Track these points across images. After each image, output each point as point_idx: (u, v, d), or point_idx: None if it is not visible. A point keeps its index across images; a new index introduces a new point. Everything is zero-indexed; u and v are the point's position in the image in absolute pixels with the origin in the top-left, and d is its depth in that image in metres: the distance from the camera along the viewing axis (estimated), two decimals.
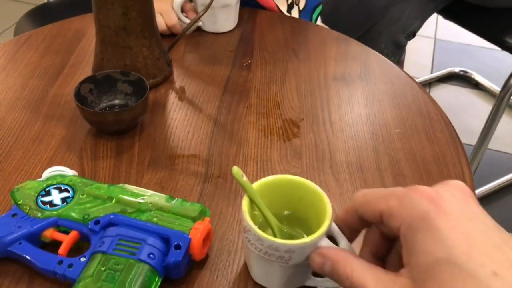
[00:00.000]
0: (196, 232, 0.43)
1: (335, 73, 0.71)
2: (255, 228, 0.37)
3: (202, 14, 0.67)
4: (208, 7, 0.66)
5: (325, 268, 0.34)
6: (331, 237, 0.36)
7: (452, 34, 2.20)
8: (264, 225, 0.40)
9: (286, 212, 0.42)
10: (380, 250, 0.34)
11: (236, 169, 0.37)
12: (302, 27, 0.82)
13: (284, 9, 0.89)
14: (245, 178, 0.38)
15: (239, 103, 0.64)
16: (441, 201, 0.29)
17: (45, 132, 0.58)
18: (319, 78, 0.70)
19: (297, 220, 0.42)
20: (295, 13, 0.92)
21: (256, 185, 0.39)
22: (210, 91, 0.66)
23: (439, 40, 2.19)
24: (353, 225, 0.35)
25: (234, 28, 0.79)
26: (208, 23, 0.77)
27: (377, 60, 0.75)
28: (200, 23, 0.77)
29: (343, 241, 0.36)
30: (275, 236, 0.40)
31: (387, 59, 0.75)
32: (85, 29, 0.77)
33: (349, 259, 0.32)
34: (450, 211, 0.28)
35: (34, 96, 0.64)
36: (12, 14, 2.14)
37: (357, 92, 0.67)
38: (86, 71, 0.68)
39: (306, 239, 0.35)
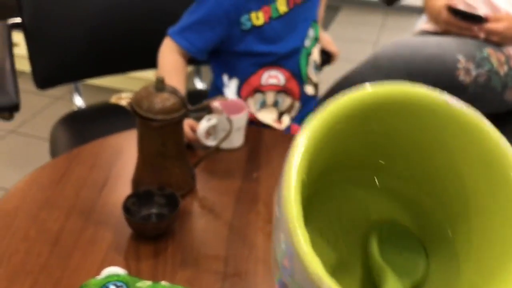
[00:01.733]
0: None
1: None
2: None
3: (223, 140, 0.85)
4: (228, 134, 0.84)
5: None
6: None
7: None
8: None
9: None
10: None
11: None
12: None
13: (273, 116, 1.08)
14: None
15: (250, 211, 0.81)
16: None
17: (97, 236, 0.74)
18: None
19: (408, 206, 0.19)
20: (286, 119, 1.11)
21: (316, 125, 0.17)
22: (226, 200, 0.83)
23: None
24: None
25: (243, 144, 0.97)
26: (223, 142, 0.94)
27: None
28: (215, 143, 0.94)
29: None
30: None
31: None
32: (123, 147, 0.95)
33: None
34: None
35: (86, 205, 0.80)
36: (32, 105, 2.34)
37: None
38: (126, 183, 0.85)
39: None
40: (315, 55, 1.11)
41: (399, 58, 1.28)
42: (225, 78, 1.07)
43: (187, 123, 0.92)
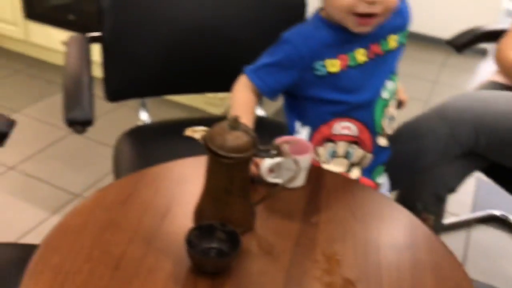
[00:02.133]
0: None
1: (385, 237, 0.86)
2: None
3: (288, 182, 0.85)
4: (295, 176, 0.84)
5: None
6: None
7: None
8: None
9: None
10: None
11: None
12: (360, 190, 0.99)
13: (341, 169, 1.07)
14: None
15: (307, 257, 0.80)
16: None
17: (158, 265, 0.75)
18: (371, 240, 0.85)
19: None
20: (355, 172, 1.10)
21: None
22: (284, 243, 0.83)
23: (481, 180, 2.32)
24: None
25: (304, 185, 0.97)
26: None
27: (420, 228, 0.90)
28: (278, 180, 0.95)
29: None
30: None
31: (429, 229, 0.89)
32: (187, 174, 0.97)
33: None
34: None
35: (148, 231, 0.82)
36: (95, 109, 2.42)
37: (404, 259, 0.82)
38: (188, 212, 0.86)
39: None
40: (392, 108, 1.10)
41: (468, 111, 1.25)
42: (297, 125, 1.08)
43: None
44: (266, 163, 0.91)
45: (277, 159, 0.91)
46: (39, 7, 2.67)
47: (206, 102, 2.52)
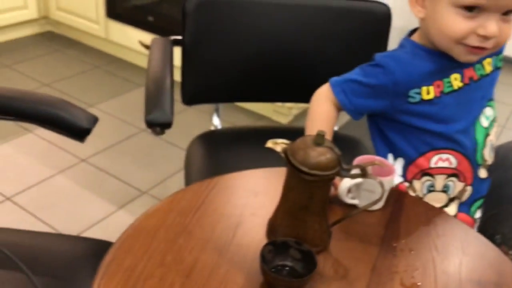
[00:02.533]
0: None
1: (470, 274, 0.80)
2: None
3: (372, 204, 0.81)
4: (380, 198, 0.80)
5: None
6: None
7: None
8: None
9: None
10: None
11: None
12: (442, 217, 0.93)
13: (439, 204, 1.01)
14: None
15: (385, 286, 0.76)
16: None
17: (229, 277, 0.73)
18: (454, 274, 0.79)
19: None
20: (453, 208, 1.03)
21: None
22: (360, 269, 0.78)
23: None
24: None
25: (383, 207, 0.92)
26: (364, 202, 0.90)
27: (508, 265, 0.83)
28: (356, 201, 0.91)
29: None
30: None
31: None
32: (261, 185, 0.95)
33: None
34: None
35: (221, 241, 0.80)
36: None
37: None
38: (261, 225, 0.84)
39: None
40: (493, 136, 1.03)
41: None
42: (390, 158, 1.03)
43: None
44: (345, 183, 0.87)
45: (357, 180, 0.87)
46: (120, 7, 2.76)
47: (273, 110, 2.50)
